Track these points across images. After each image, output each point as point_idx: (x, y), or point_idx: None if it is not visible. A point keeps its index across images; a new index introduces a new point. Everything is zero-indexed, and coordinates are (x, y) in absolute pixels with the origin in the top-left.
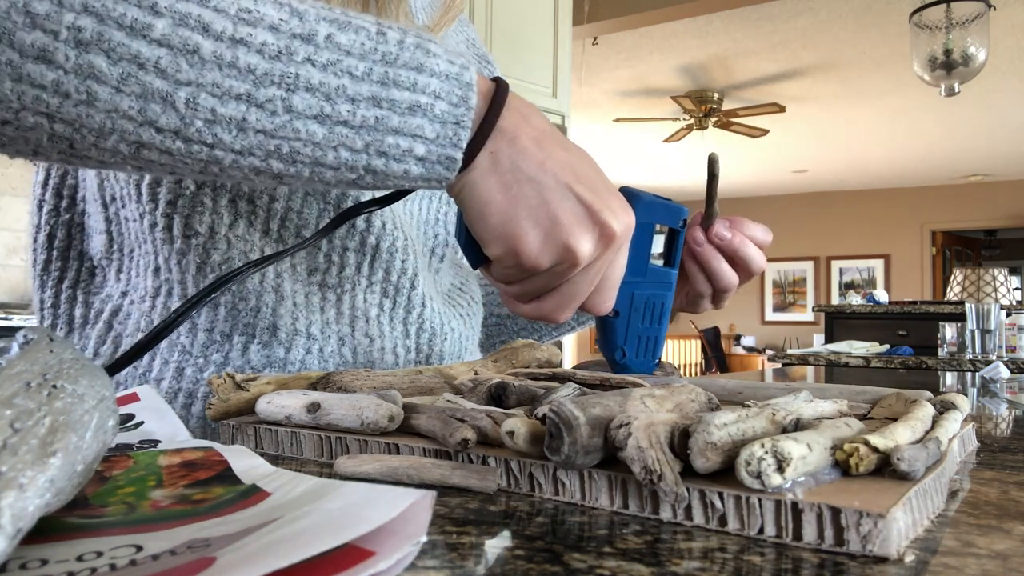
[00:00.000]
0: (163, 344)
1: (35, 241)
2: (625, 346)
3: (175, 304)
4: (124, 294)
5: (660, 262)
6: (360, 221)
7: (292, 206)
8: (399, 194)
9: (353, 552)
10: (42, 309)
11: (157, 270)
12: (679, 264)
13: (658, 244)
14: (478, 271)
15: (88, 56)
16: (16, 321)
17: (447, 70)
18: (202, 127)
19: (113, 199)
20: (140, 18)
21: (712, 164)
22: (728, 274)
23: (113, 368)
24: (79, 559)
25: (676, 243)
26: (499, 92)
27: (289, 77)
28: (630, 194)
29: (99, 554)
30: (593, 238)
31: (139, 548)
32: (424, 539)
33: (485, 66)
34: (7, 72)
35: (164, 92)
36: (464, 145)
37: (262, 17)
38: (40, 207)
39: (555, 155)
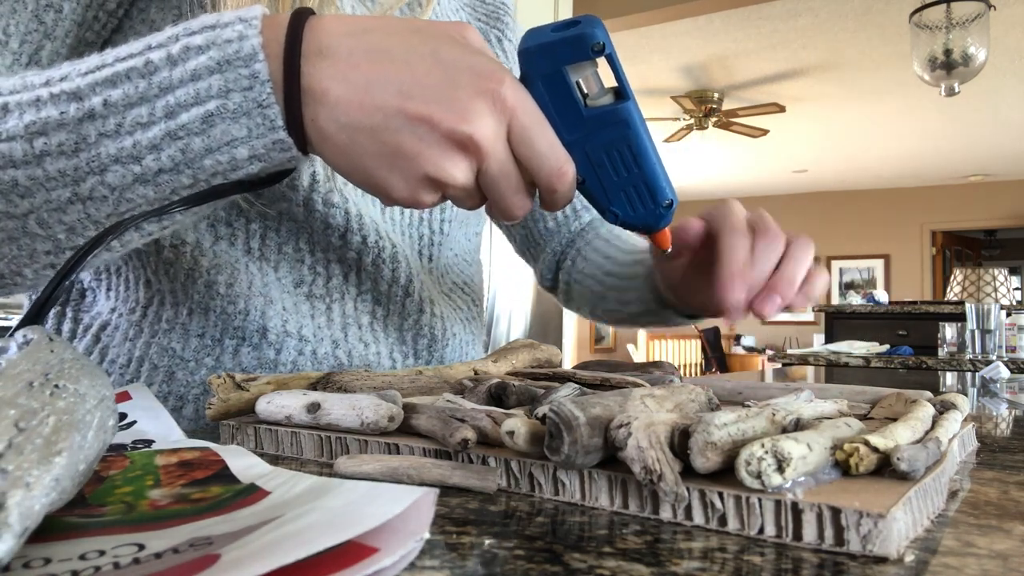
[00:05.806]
0: (152, 350)
1: None
2: (612, 207)
3: (167, 312)
4: (113, 310)
5: (609, 98)
6: (335, 239)
7: (269, 225)
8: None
9: (356, 549)
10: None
11: (148, 282)
12: (630, 89)
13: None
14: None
15: None
16: (16, 321)
17: (220, 56)
18: (65, 237)
19: None
20: None
21: None
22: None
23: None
24: (82, 558)
25: (614, 68)
26: (291, 42)
27: (94, 161)
28: (523, 45)
29: (101, 553)
30: (454, 154)
31: (141, 547)
32: (427, 535)
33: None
34: None
35: (19, 229)
36: (282, 123)
37: (47, 119)
38: None
39: (373, 83)
